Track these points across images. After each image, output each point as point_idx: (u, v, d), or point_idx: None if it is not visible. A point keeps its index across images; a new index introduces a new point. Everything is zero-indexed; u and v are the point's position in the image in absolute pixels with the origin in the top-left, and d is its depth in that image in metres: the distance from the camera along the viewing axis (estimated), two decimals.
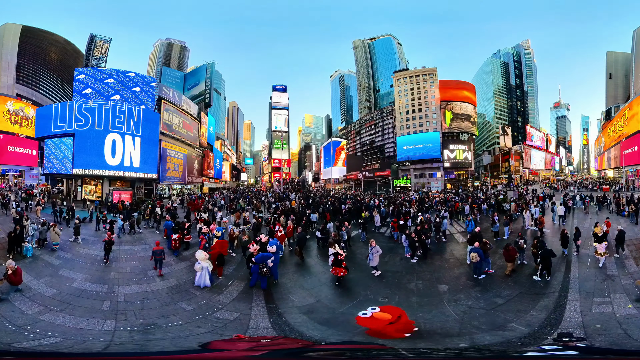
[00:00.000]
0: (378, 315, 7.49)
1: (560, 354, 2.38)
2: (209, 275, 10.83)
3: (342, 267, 11.19)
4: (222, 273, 12.04)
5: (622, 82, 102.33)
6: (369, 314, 7.55)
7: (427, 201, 33.62)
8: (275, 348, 2.85)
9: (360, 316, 7.58)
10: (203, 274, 10.66)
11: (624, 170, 59.35)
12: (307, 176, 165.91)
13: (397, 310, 8.02)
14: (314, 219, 21.66)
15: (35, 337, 6.88)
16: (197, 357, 2.26)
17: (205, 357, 2.26)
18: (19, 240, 13.40)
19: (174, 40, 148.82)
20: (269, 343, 4.44)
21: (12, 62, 73.90)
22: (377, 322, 7.33)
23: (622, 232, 12.73)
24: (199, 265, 10.72)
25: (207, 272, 10.76)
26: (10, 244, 13.08)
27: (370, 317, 7.45)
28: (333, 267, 11.33)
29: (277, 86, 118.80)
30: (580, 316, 8.00)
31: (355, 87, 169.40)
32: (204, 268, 10.69)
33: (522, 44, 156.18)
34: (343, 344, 6.18)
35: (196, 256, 11.01)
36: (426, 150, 76.83)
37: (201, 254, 10.88)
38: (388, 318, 7.43)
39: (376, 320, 7.38)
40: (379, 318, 7.41)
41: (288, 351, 2.51)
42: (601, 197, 27.59)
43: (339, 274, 11.21)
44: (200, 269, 10.68)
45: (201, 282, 10.61)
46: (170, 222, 17.15)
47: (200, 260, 10.75)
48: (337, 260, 11.27)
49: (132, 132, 38.95)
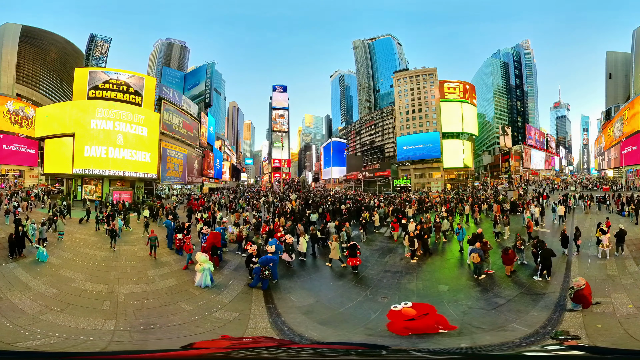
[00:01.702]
0: (405, 311, 7.48)
1: (564, 354, 2.37)
2: (210, 276, 10.80)
3: (357, 256, 12.27)
4: (219, 264, 12.60)
5: (622, 82, 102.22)
6: (400, 307, 7.55)
7: (427, 202, 33.63)
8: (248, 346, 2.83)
9: (392, 309, 7.59)
10: (204, 275, 10.62)
11: (624, 170, 59.35)
12: (307, 176, 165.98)
13: (426, 307, 8.01)
14: (314, 219, 21.66)
15: (36, 337, 6.88)
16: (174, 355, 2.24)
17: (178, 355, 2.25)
18: (21, 242, 12.88)
19: (174, 40, 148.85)
20: (248, 342, 4.42)
21: (12, 62, 73.81)
22: (399, 317, 7.33)
23: (622, 231, 12.71)
24: (199, 266, 10.71)
25: (208, 273, 10.73)
26: (11, 246, 12.52)
27: (399, 312, 7.43)
28: (349, 259, 12.26)
29: (277, 86, 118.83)
30: (581, 316, 8.00)
31: (355, 87, 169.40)
32: (205, 269, 10.65)
33: (522, 44, 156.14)
34: (322, 344, 6.15)
35: (196, 258, 11.02)
36: (426, 150, 76.86)
37: (202, 256, 10.88)
38: (412, 314, 7.41)
39: (400, 315, 7.37)
40: (404, 313, 7.40)
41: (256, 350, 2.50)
42: (601, 197, 27.59)
43: (355, 263, 12.15)
44: (201, 271, 10.66)
45: (202, 282, 10.59)
46: (170, 221, 17.16)
47: (201, 262, 10.74)
48: (353, 251, 12.21)
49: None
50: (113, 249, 15.20)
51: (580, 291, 8.33)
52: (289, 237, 13.45)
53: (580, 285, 8.34)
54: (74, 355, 3.48)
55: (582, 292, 8.31)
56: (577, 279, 8.57)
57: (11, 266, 11.55)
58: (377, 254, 15.14)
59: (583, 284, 8.35)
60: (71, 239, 16.96)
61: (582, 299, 8.31)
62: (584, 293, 8.29)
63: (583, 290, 8.30)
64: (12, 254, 12.55)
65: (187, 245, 13.13)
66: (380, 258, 14.57)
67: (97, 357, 2.44)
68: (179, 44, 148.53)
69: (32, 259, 12.53)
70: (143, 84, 43.52)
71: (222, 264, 13.21)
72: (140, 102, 42.60)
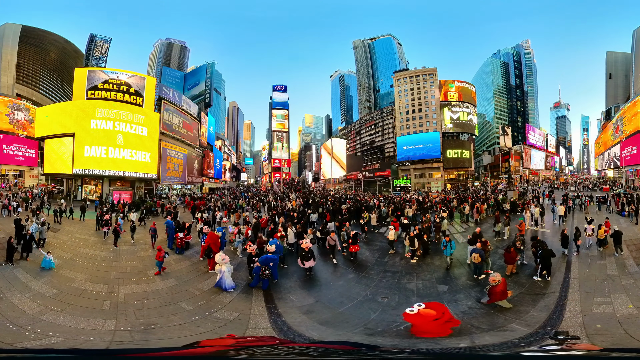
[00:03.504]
0: (424, 312, 7.44)
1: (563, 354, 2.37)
2: (231, 278, 10.63)
3: (357, 243, 14.04)
4: (213, 267, 12.30)
5: (622, 82, 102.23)
6: (416, 310, 7.50)
7: (427, 202, 33.62)
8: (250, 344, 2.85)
9: (407, 312, 7.54)
10: (225, 277, 10.44)
11: (624, 170, 59.36)
12: (307, 176, 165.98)
13: (441, 306, 8.02)
14: (314, 219, 21.66)
15: (36, 337, 6.88)
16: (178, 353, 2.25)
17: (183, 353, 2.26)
18: (29, 246, 12.37)
19: (174, 40, 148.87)
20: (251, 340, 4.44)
21: (12, 62, 73.80)
22: (423, 319, 7.30)
23: (618, 232, 12.72)
24: (218, 267, 10.59)
25: (229, 275, 10.53)
26: (9, 250, 11.64)
27: (417, 314, 7.39)
28: (351, 246, 13.74)
29: (277, 86, 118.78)
30: (581, 316, 8.00)
31: (355, 87, 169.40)
32: (224, 271, 10.46)
33: (522, 44, 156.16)
34: (319, 343, 6.14)
35: (215, 259, 10.87)
36: (426, 150, 76.85)
37: (219, 257, 10.72)
38: (433, 314, 7.40)
39: (422, 317, 7.33)
40: (425, 314, 7.38)
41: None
42: (601, 197, 27.60)
43: (356, 249, 13.86)
44: (219, 272, 10.52)
45: (223, 284, 10.36)
46: (170, 221, 17.15)
47: (220, 262, 10.58)
48: (355, 239, 13.92)
49: None
50: (116, 246, 15.49)
51: (494, 287, 8.79)
52: (305, 243, 12.15)
53: (495, 281, 8.80)
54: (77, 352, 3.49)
55: (495, 288, 8.75)
56: (494, 275, 9.07)
57: (11, 267, 11.54)
58: (377, 254, 15.13)
59: (498, 280, 8.78)
60: (71, 239, 16.98)
61: (492, 294, 8.85)
62: (497, 290, 8.73)
63: (497, 286, 8.74)
64: (9, 258, 11.55)
65: (158, 253, 11.97)
66: (380, 258, 14.57)
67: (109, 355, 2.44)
68: (178, 44, 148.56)
69: (37, 266, 11.56)
70: (143, 84, 43.49)
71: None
72: (140, 102, 42.58)
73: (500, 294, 8.78)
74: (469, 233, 16.65)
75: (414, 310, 7.53)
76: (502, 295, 8.80)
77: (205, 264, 12.92)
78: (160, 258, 11.90)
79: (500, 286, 8.77)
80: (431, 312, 7.49)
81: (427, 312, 7.47)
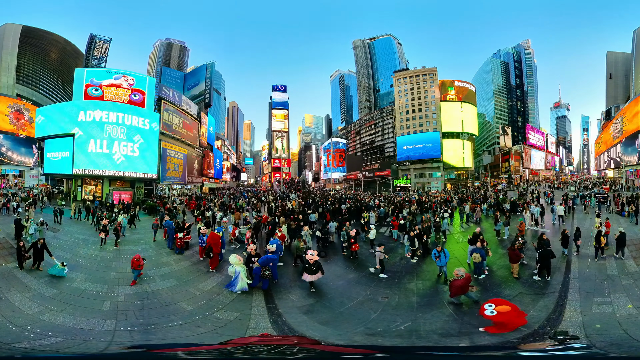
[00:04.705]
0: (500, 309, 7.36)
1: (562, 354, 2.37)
2: (246, 279, 10.35)
3: (357, 242, 14.60)
4: (214, 266, 12.53)
5: (622, 82, 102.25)
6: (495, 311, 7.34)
7: (426, 202, 33.63)
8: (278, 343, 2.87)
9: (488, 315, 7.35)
10: (238, 278, 10.23)
11: (624, 170, 59.33)
12: (307, 176, 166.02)
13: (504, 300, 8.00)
14: (314, 219, 21.66)
15: (36, 337, 6.88)
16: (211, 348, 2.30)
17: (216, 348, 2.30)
18: (40, 253, 11.36)
19: (173, 40, 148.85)
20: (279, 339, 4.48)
21: (12, 62, 73.86)
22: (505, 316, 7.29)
23: (623, 235, 12.43)
24: (232, 268, 10.42)
25: (244, 276, 10.28)
26: (19, 256, 11.21)
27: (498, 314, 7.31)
28: (353, 245, 14.22)
29: (277, 86, 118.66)
30: (581, 316, 8.00)
31: (355, 87, 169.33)
32: (239, 271, 10.27)
33: (522, 44, 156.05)
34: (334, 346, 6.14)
35: (230, 260, 10.69)
36: (426, 150, 76.88)
37: (234, 258, 10.53)
38: (508, 310, 7.38)
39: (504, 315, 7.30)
40: (504, 312, 7.33)
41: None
42: (601, 197, 27.57)
43: (357, 248, 14.41)
44: (233, 273, 10.34)
45: (237, 286, 10.11)
46: (170, 221, 17.15)
47: (234, 263, 10.42)
48: (356, 238, 14.52)
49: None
50: (117, 247, 15.60)
51: (454, 281, 8.93)
52: (310, 255, 10.85)
53: (458, 275, 8.94)
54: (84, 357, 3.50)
55: (457, 282, 8.86)
56: (458, 268, 9.25)
57: (11, 266, 11.53)
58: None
59: (461, 275, 8.91)
60: (71, 239, 16.98)
61: (451, 287, 9.02)
62: (456, 284, 8.85)
63: (457, 280, 8.87)
64: (20, 265, 11.15)
65: (136, 262, 10.92)
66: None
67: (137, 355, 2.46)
68: (178, 44, 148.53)
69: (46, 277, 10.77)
70: (143, 84, 43.52)
71: (221, 264, 13.20)
72: (140, 102, 42.58)
73: (459, 289, 8.85)
74: (469, 233, 16.66)
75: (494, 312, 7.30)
76: (462, 290, 8.86)
77: (206, 264, 12.92)
78: (138, 267, 10.83)
79: (460, 281, 8.84)
80: (506, 308, 7.44)
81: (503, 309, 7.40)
